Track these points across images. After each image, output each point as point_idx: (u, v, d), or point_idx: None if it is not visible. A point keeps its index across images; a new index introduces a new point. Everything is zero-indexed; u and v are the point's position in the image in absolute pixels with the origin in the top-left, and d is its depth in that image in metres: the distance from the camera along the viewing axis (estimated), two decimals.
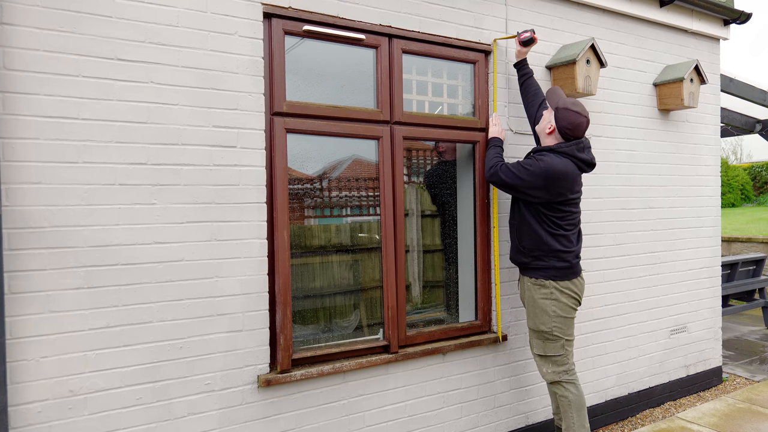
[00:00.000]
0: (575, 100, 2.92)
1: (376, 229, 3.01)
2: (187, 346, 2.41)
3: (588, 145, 2.95)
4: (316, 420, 2.73)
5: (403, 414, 3.00)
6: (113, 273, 2.26)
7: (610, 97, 3.87)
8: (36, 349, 2.13)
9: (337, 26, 2.79)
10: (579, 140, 2.91)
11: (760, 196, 20.02)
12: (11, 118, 2.08)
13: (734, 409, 3.99)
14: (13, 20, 2.08)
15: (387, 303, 2.93)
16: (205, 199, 2.45)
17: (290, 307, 2.65)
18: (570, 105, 2.89)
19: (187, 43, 2.40)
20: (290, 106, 2.67)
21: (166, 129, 2.36)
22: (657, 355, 4.18)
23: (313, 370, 2.68)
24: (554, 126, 2.91)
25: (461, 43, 3.19)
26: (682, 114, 4.31)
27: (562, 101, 2.91)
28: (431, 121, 3.11)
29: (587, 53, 3.43)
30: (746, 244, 8.88)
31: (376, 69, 2.93)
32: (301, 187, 2.86)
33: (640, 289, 4.06)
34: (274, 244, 2.63)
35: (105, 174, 2.24)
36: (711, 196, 4.55)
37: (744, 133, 7.76)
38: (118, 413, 2.28)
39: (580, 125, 2.88)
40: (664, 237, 4.20)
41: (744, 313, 7.28)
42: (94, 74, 2.22)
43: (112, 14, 2.25)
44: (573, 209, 2.94)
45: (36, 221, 2.12)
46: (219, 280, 2.48)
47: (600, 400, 3.84)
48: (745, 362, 5.26)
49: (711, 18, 4.39)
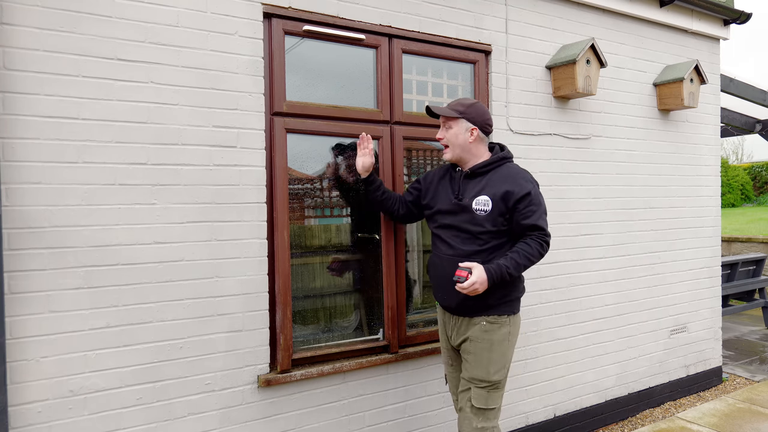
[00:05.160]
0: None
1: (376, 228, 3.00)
2: (187, 346, 2.41)
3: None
4: (316, 420, 2.73)
5: (404, 414, 3.00)
6: (113, 273, 2.26)
7: (610, 97, 3.87)
8: (36, 349, 2.13)
9: (337, 26, 2.79)
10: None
11: (760, 196, 20.01)
12: (11, 118, 2.08)
13: (734, 409, 3.99)
14: (13, 20, 2.08)
15: (387, 303, 2.93)
16: (205, 199, 2.45)
17: (290, 307, 2.65)
18: (463, 99, 2.53)
19: (187, 43, 2.40)
20: (290, 106, 2.67)
21: (166, 129, 2.36)
22: (657, 355, 4.18)
23: (313, 370, 2.68)
24: (475, 128, 2.46)
25: (461, 43, 3.19)
26: (682, 114, 4.31)
27: (454, 104, 2.51)
28: (431, 121, 3.10)
29: (587, 53, 3.43)
30: (746, 244, 8.88)
31: (376, 69, 2.93)
32: (301, 187, 2.86)
33: (640, 289, 4.06)
34: (273, 244, 2.63)
35: (105, 174, 2.24)
36: (711, 196, 4.55)
37: (744, 133, 7.77)
38: (118, 413, 2.28)
39: (491, 115, 2.57)
40: (664, 237, 4.20)
41: (744, 313, 7.28)
42: (94, 74, 2.22)
43: (112, 14, 2.25)
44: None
45: (36, 221, 2.12)
46: (219, 280, 2.48)
47: (600, 400, 3.84)
48: (745, 362, 5.25)
49: (711, 18, 4.39)
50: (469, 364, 2.45)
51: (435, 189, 2.61)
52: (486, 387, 2.42)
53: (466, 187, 2.48)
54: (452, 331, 2.55)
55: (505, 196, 2.37)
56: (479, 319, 2.44)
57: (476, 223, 2.40)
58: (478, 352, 2.43)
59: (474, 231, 2.41)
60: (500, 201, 2.38)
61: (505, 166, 2.49)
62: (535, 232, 2.39)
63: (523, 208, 2.37)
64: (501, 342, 2.43)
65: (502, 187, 2.39)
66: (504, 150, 2.55)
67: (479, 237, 2.41)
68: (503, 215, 2.39)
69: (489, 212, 2.39)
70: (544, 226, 2.40)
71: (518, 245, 2.40)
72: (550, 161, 3.55)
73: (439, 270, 2.52)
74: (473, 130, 2.47)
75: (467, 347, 2.47)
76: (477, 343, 2.43)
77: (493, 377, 2.41)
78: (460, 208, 2.45)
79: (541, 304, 3.52)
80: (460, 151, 2.48)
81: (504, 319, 2.44)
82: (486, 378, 2.41)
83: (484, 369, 2.41)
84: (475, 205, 2.41)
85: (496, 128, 3.31)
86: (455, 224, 2.46)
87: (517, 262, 2.35)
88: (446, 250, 2.48)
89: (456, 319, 2.52)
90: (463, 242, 2.44)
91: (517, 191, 2.37)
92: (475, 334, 2.43)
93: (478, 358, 2.42)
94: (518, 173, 2.47)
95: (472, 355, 2.44)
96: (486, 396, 2.42)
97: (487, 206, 2.39)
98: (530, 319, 3.47)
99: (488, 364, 2.41)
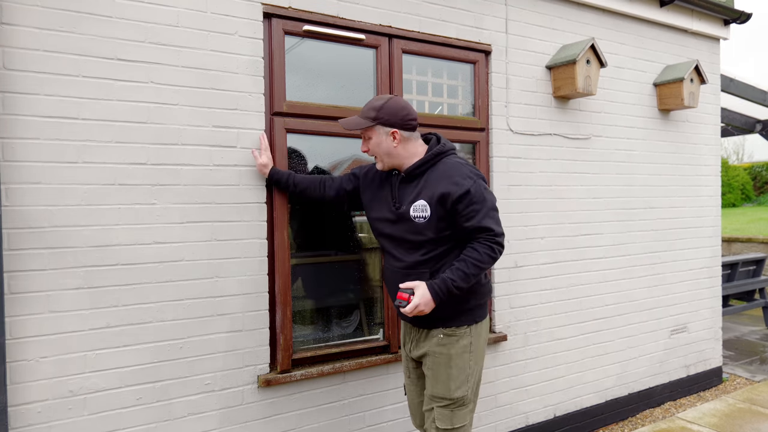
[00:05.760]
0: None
1: None
2: (187, 346, 2.41)
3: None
4: (316, 420, 2.73)
5: (404, 414, 3.00)
6: (113, 273, 2.26)
7: (610, 97, 3.87)
8: (36, 349, 2.13)
9: (337, 26, 2.79)
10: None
11: (760, 196, 20.02)
12: (11, 118, 2.08)
13: (734, 409, 3.98)
14: (13, 20, 2.08)
15: (387, 303, 2.93)
16: (205, 199, 2.45)
17: (290, 307, 2.65)
18: (374, 101, 2.23)
19: (187, 43, 2.40)
20: (290, 106, 2.67)
21: (166, 129, 2.36)
22: (657, 355, 4.18)
23: (313, 370, 2.68)
24: (395, 130, 2.17)
25: (461, 43, 3.19)
26: (682, 114, 4.31)
27: (365, 109, 2.22)
28: (431, 121, 3.11)
29: (587, 53, 3.43)
30: (746, 244, 8.88)
31: (376, 69, 2.93)
32: None
33: (640, 289, 4.06)
34: (273, 244, 2.63)
35: (105, 174, 2.24)
36: (711, 196, 4.55)
37: (744, 133, 7.77)
38: (118, 413, 2.28)
39: (410, 107, 2.23)
40: (665, 237, 4.20)
41: (744, 313, 7.28)
42: (94, 74, 2.22)
43: (112, 14, 2.25)
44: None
45: (36, 221, 2.12)
46: (219, 280, 2.48)
47: (600, 400, 3.84)
48: (746, 362, 5.25)
49: (711, 18, 4.39)
50: (429, 380, 2.25)
51: (374, 192, 2.35)
52: (448, 405, 2.20)
53: (403, 193, 2.21)
54: (411, 342, 2.35)
55: (442, 199, 2.10)
56: (436, 331, 2.22)
57: (416, 232, 2.15)
58: (436, 368, 2.21)
59: (415, 241, 2.17)
60: (437, 204, 2.11)
61: (441, 163, 2.19)
62: (483, 234, 2.10)
63: (463, 209, 2.09)
64: (460, 355, 2.20)
65: (438, 189, 2.11)
66: (441, 142, 2.25)
67: (423, 246, 2.16)
68: (443, 219, 2.13)
69: (428, 219, 2.13)
70: (491, 226, 2.11)
71: (465, 252, 2.12)
72: (550, 161, 3.55)
73: (390, 281, 2.31)
74: (394, 133, 2.17)
75: (426, 362, 2.26)
76: (435, 358, 2.22)
77: (455, 394, 2.19)
78: (398, 217, 2.20)
79: (541, 304, 3.52)
80: (389, 159, 2.21)
81: (463, 330, 2.21)
82: (446, 395, 2.19)
83: (444, 385, 2.20)
84: (413, 212, 2.15)
85: (497, 128, 3.32)
86: (395, 234, 2.22)
87: (465, 272, 2.08)
88: (393, 262, 2.26)
89: (415, 330, 2.32)
90: (407, 253, 2.20)
91: (453, 191, 2.09)
92: (433, 348, 2.22)
93: (436, 374, 2.21)
94: (454, 169, 2.15)
95: (431, 371, 2.23)
96: (450, 415, 2.20)
97: (425, 212, 2.13)
98: (530, 319, 3.47)
99: (447, 380, 2.19)
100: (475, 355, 2.25)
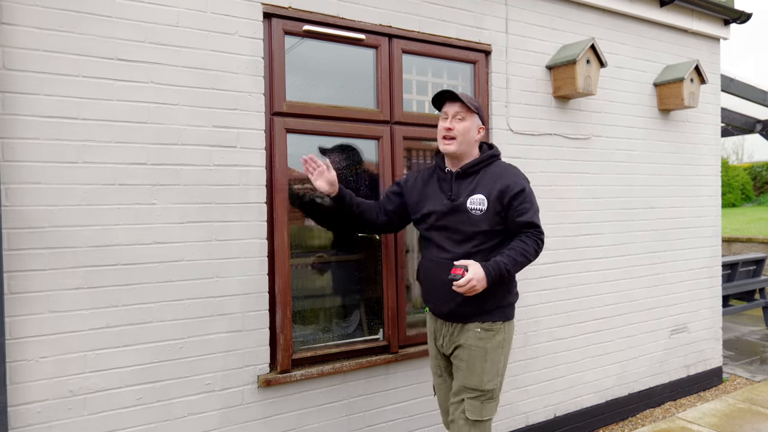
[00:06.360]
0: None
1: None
2: (187, 346, 2.41)
3: None
4: (316, 420, 2.73)
5: (404, 414, 3.00)
6: (113, 273, 2.26)
7: (610, 97, 3.87)
8: (36, 349, 2.13)
9: (337, 26, 2.79)
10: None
11: (760, 196, 20.02)
12: (11, 118, 2.08)
13: (735, 409, 3.98)
14: (13, 20, 2.08)
15: (387, 303, 2.93)
16: (205, 199, 2.45)
17: (290, 307, 2.65)
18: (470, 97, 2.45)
19: (187, 43, 2.40)
20: (290, 106, 2.67)
21: (166, 129, 2.36)
22: (657, 355, 4.18)
23: (313, 370, 2.68)
24: (482, 127, 2.45)
25: (461, 43, 3.19)
26: (682, 114, 4.31)
27: (468, 98, 2.40)
28: (431, 121, 3.11)
29: (587, 53, 3.43)
30: (746, 244, 8.88)
31: (376, 69, 2.93)
32: (301, 187, 2.85)
33: (640, 289, 4.06)
34: (273, 244, 2.63)
35: (105, 174, 2.24)
36: (711, 196, 4.55)
37: (744, 132, 7.77)
38: (118, 413, 2.28)
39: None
40: (665, 237, 4.20)
41: (744, 313, 7.28)
42: (94, 74, 2.22)
43: (112, 14, 2.25)
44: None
45: (36, 221, 2.12)
46: (219, 280, 2.48)
47: (600, 400, 3.84)
48: (746, 362, 5.25)
49: (711, 18, 4.39)
50: (461, 372, 2.36)
51: (421, 191, 2.51)
52: (479, 397, 2.33)
53: (459, 187, 2.39)
54: (444, 338, 2.44)
55: (501, 194, 2.31)
56: (473, 325, 2.34)
57: (472, 224, 2.33)
58: (471, 360, 2.33)
59: (469, 232, 2.33)
60: (495, 199, 2.31)
61: (495, 164, 2.43)
62: (531, 230, 2.33)
63: (518, 205, 2.31)
64: (495, 350, 2.34)
65: (497, 185, 2.33)
66: (493, 148, 2.50)
67: (474, 238, 2.33)
68: (499, 214, 2.32)
69: (485, 211, 2.31)
70: (539, 224, 2.35)
71: (514, 243, 2.32)
72: (550, 161, 3.55)
73: (431, 274, 2.43)
74: (481, 129, 2.44)
75: (460, 354, 2.37)
76: (470, 351, 2.34)
77: (487, 386, 2.33)
78: (453, 209, 2.36)
79: (541, 304, 3.52)
80: (465, 146, 2.39)
81: (499, 325, 2.36)
82: (479, 387, 2.32)
83: (478, 378, 2.32)
84: (470, 205, 2.33)
85: (497, 128, 3.32)
86: (449, 225, 2.37)
87: (515, 260, 2.27)
88: (439, 254, 2.39)
89: (448, 325, 2.42)
90: (457, 244, 2.35)
91: (512, 188, 2.31)
92: (469, 342, 2.34)
93: (471, 366, 2.33)
94: (510, 170, 2.42)
95: (464, 363, 2.35)
96: (480, 407, 2.33)
97: (482, 205, 2.32)
98: (530, 319, 3.47)
99: (482, 372, 2.32)
100: (506, 352, 2.40)
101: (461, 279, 2.18)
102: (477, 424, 2.32)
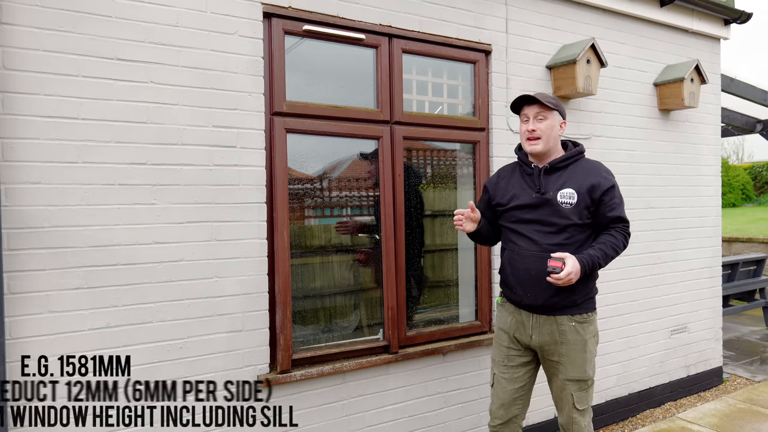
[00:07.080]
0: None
1: (376, 228, 3.01)
2: (187, 346, 2.41)
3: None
4: (316, 420, 2.73)
5: (404, 414, 3.00)
6: (113, 273, 2.26)
7: (610, 97, 3.87)
8: (36, 349, 2.13)
9: (337, 26, 2.79)
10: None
11: (760, 196, 20.01)
12: (11, 118, 2.08)
13: (735, 409, 3.98)
14: (13, 20, 2.08)
15: (387, 303, 2.93)
16: (205, 199, 2.45)
17: (290, 307, 2.65)
18: (546, 94, 2.51)
19: (187, 43, 2.40)
20: (290, 106, 2.67)
21: (166, 129, 2.36)
22: (657, 356, 4.18)
23: (313, 370, 2.68)
24: (564, 122, 2.53)
25: (461, 43, 3.19)
26: (682, 114, 4.31)
27: (544, 97, 2.46)
28: (431, 121, 3.11)
29: (587, 53, 3.43)
30: (747, 244, 8.87)
31: (376, 69, 2.93)
32: (301, 187, 2.86)
33: (640, 289, 4.05)
34: (273, 244, 2.63)
35: (105, 174, 2.24)
36: (712, 196, 4.54)
37: (744, 132, 7.77)
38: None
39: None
40: (665, 237, 4.19)
41: (744, 313, 7.27)
42: (94, 74, 2.22)
43: (112, 14, 2.25)
44: None
45: (36, 221, 2.12)
46: (219, 280, 2.48)
47: (600, 400, 3.84)
48: (746, 362, 5.25)
49: (711, 18, 4.39)
50: (562, 367, 2.45)
51: (505, 187, 2.57)
52: (583, 385, 2.46)
53: (547, 181, 2.45)
54: (531, 328, 2.48)
55: (591, 189, 2.40)
56: (564, 318, 2.42)
57: (562, 216, 2.39)
58: (572, 354, 2.43)
59: (560, 224, 2.39)
60: (586, 194, 2.39)
61: (583, 161, 2.51)
62: (619, 224, 2.44)
63: (609, 200, 2.41)
64: (591, 339, 2.47)
65: (587, 180, 2.41)
66: (578, 145, 2.56)
67: (565, 230, 2.40)
68: (587, 208, 2.40)
69: (575, 205, 2.38)
70: (627, 218, 2.46)
71: (603, 237, 2.43)
72: None
73: (522, 266, 2.45)
74: (562, 124, 2.51)
75: (558, 350, 2.44)
76: (569, 345, 2.43)
77: (589, 373, 2.47)
78: (543, 202, 2.42)
79: None
80: (550, 143, 2.46)
81: (592, 316, 2.48)
82: (583, 377, 2.45)
83: (581, 368, 2.45)
84: (560, 198, 2.40)
85: (497, 128, 3.31)
86: (538, 218, 2.43)
87: (606, 253, 2.38)
88: (529, 246, 2.44)
89: (536, 317, 2.47)
90: (547, 236, 2.41)
91: (603, 184, 2.41)
92: (567, 337, 2.42)
93: (572, 359, 2.43)
94: (599, 166, 2.50)
95: (565, 357, 2.44)
96: (585, 396, 2.48)
97: (572, 199, 2.39)
98: None
99: (584, 363, 2.44)
100: (597, 341, 2.53)
101: (561, 272, 2.24)
102: (584, 412, 2.48)
